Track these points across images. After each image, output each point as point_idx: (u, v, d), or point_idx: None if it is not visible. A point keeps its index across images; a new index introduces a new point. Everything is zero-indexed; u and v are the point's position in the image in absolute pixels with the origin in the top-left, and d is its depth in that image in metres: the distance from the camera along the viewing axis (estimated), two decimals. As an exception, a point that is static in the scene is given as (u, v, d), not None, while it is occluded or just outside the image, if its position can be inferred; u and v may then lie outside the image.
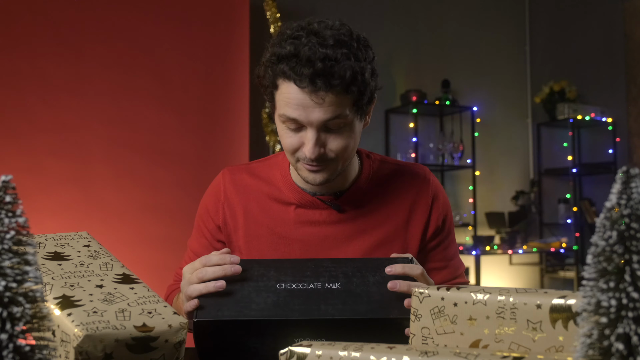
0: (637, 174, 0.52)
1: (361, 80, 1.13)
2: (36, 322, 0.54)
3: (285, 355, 0.83)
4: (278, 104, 1.17)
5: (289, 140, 1.18)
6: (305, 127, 1.15)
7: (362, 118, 1.22)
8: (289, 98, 1.13)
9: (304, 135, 1.16)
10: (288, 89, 1.13)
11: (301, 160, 1.19)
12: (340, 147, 1.17)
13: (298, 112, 1.13)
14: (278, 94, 1.16)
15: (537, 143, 5.18)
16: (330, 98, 1.11)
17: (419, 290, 0.93)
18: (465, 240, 4.76)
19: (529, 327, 0.83)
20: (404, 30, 4.68)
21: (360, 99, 1.16)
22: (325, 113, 1.12)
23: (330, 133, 1.16)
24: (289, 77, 1.11)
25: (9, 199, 0.55)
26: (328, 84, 1.09)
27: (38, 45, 3.14)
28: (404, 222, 1.32)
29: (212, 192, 1.37)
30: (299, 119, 1.13)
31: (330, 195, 1.30)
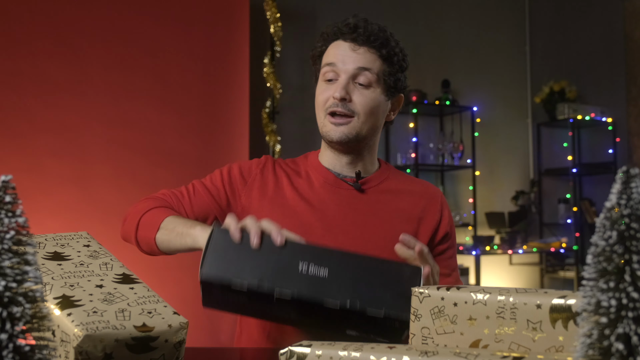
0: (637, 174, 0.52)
1: (392, 48, 1.36)
2: (36, 322, 0.54)
3: (285, 355, 0.83)
4: (323, 61, 1.38)
5: (322, 94, 1.36)
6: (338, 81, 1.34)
7: (387, 98, 1.39)
8: (333, 50, 1.37)
9: (336, 84, 1.34)
10: (334, 45, 1.37)
11: (328, 113, 1.35)
12: (363, 102, 1.34)
13: (337, 59, 1.34)
14: (325, 55, 1.39)
15: (537, 143, 5.18)
16: (363, 51, 1.34)
17: (419, 290, 0.93)
18: (465, 240, 4.76)
19: (529, 327, 0.83)
20: (403, 30, 4.67)
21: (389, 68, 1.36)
22: (357, 61, 1.34)
23: (358, 88, 1.34)
24: (337, 35, 1.37)
25: (9, 199, 0.55)
26: (365, 36, 1.34)
27: (38, 46, 3.14)
28: (416, 218, 1.42)
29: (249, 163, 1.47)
30: (337, 64, 1.34)
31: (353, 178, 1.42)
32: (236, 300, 1.09)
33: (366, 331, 1.08)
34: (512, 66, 5.18)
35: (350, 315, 1.05)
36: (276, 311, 1.10)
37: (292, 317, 1.12)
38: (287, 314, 1.11)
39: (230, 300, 1.11)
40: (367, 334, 1.08)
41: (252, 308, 1.13)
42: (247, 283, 1.05)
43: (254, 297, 1.06)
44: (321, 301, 1.05)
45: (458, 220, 4.65)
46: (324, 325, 1.12)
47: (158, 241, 1.29)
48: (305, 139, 4.05)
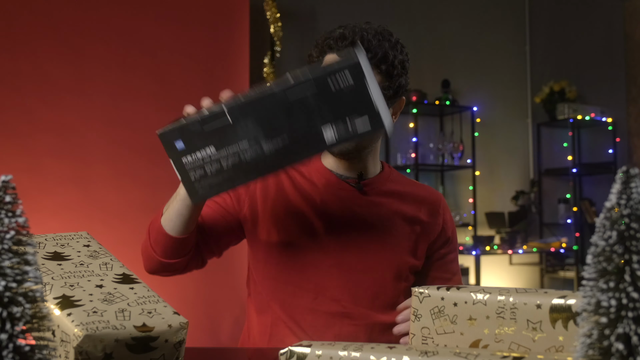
0: (637, 174, 0.52)
1: (391, 63, 1.31)
2: (36, 322, 0.54)
3: (285, 355, 0.84)
4: None
5: None
6: None
7: (390, 106, 1.35)
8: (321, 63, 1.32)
9: None
10: (330, 59, 1.32)
11: None
12: None
13: None
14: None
15: (537, 143, 5.18)
16: None
17: (419, 290, 0.93)
18: (465, 240, 4.76)
19: (529, 327, 0.83)
20: (404, 30, 4.67)
21: (387, 82, 1.32)
22: None
23: None
24: (332, 49, 1.32)
25: (9, 199, 0.55)
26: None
27: (38, 45, 3.14)
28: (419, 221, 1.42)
29: None
30: None
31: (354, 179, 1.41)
32: (198, 147, 1.06)
33: (339, 114, 1.01)
34: (512, 66, 5.18)
35: (318, 99, 1.00)
36: (241, 141, 1.04)
37: (259, 141, 1.04)
38: (253, 140, 1.04)
39: (197, 158, 1.07)
40: (342, 117, 1.01)
41: (221, 156, 1.07)
42: (197, 116, 1.07)
43: (210, 131, 1.05)
44: (281, 90, 1.01)
45: (458, 220, 4.65)
46: (294, 132, 1.04)
47: (163, 224, 1.28)
48: (305, 139, 4.05)
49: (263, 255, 1.39)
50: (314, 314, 1.34)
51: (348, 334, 1.32)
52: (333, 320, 1.34)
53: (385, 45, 1.31)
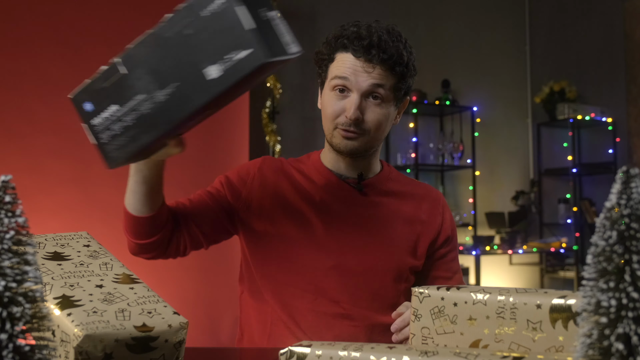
0: (637, 174, 0.52)
1: (405, 64, 1.32)
2: (36, 322, 0.54)
3: (285, 355, 0.84)
4: (331, 71, 1.35)
5: (333, 107, 1.33)
6: (350, 94, 1.31)
7: (396, 108, 1.37)
8: (344, 63, 1.31)
9: (348, 101, 1.31)
10: (343, 58, 1.32)
11: (339, 127, 1.33)
12: (375, 120, 1.32)
13: (349, 73, 1.30)
14: (333, 65, 1.34)
15: (537, 143, 5.18)
16: (378, 70, 1.30)
17: (419, 290, 0.93)
18: (465, 240, 4.76)
19: (529, 327, 0.83)
20: (404, 30, 4.66)
21: (400, 83, 1.33)
22: (371, 79, 1.30)
23: (370, 104, 1.32)
24: (347, 48, 1.31)
25: (9, 199, 0.55)
26: (379, 57, 1.28)
27: (38, 46, 3.14)
28: (418, 221, 1.42)
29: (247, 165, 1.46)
30: (350, 78, 1.30)
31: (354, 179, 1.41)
32: (104, 106, 1.02)
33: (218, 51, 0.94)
34: (512, 66, 5.18)
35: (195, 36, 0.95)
36: (137, 94, 0.99)
37: (152, 90, 0.99)
38: (147, 90, 0.99)
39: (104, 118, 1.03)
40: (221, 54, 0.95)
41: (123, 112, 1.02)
42: (100, 72, 1.01)
43: (110, 86, 1.00)
44: (158, 29, 0.96)
45: (458, 220, 4.65)
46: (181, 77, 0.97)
47: (126, 204, 1.27)
48: (306, 139, 4.05)
49: (262, 254, 1.38)
50: (313, 314, 1.33)
51: (348, 335, 1.32)
52: (333, 321, 1.33)
53: (399, 47, 1.31)
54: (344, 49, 1.32)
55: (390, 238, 1.38)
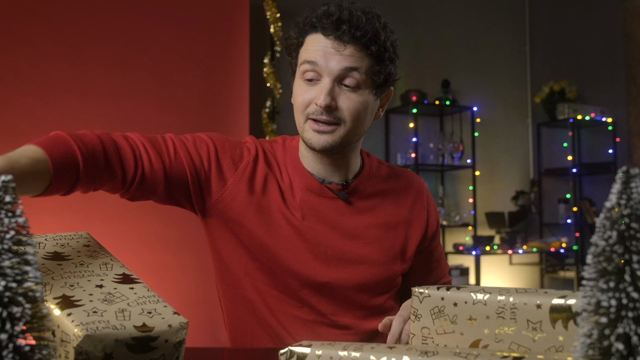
0: (637, 174, 0.52)
1: (382, 43, 1.18)
2: (36, 322, 0.54)
3: (285, 355, 0.83)
4: (300, 56, 1.22)
5: (302, 96, 1.21)
6: (320, 81, 1.18)
7: (376, 96, 1.24)
8: (312, 45, 1.19)
9: (318, 88, 1.19)
10: (313, 39, 1.19)
11: (309, 119, 1.20)
12: (350, 108, 1.19)
13: (318, 56, 1.17)
14: (302, 49, 1.22)
15: (537, 143, 5.18)
16: (350, 50, 1.17)
17: (419, 290, 0.93)
18: (465, 240, 4.76)
19: (529, 327, 0.83)
20: (404, 30, 4.67)
21: (378, 66, 1.19)
22: (343, 61, 1.17)
23: (344, 91, 1.19)
24: (316, 28, 1.18)
25: (9, 199, 0.55)
26: (351, 33, 1.15)
27: (38, 46, 3.14)
28: (405, 223, 1.34)
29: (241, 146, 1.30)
30: (318, 62, 1.17)
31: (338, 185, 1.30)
32: None
33: None
34: (512, 66, 5.18)
35: None
36: None
37: None
38: None
39: None
40: None
41: None
42: None
43: None
44: None
45: (458, 220, 4.65)
46: None
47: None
48: (305, 139, 4.04)
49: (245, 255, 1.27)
50: (300, 321, 1.27)
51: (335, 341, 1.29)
52: (320, 328, 1.27)
53: (375, 25, 1.18)
54: (313, 30, 1.19)
55: (378, 248, 1.30)
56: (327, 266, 1.26)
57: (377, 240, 1.30)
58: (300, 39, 1.22)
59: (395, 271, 1.32)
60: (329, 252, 1.27)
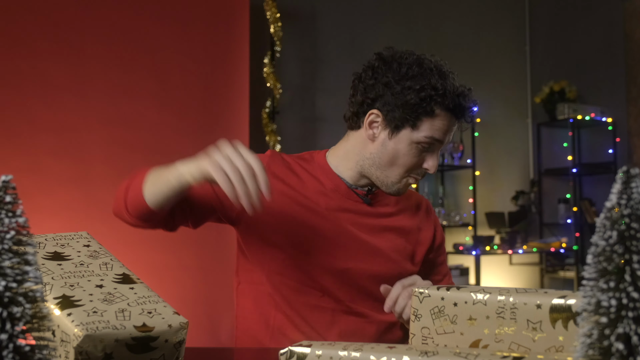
0: (637, 174, 0.52)
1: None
2: (36, 322, 0.54)
3: (285, 355, 0.84)
4: (426, 127, 1.31)
5: (414, 160, 1.33)
6: (434, 150, 1.34)
7: None
8: (443, 125, 1.31)
9: (427, 155, 1.33)
10: (444, 120, 1.31)
11: (411, 176, 1.35)
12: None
13: (445, 135, 1.33)
14: (432, 120, 1.31)
15: (537, 143, 5.18)
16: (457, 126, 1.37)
17: (419, 290, 0.93)
18: (465, 240, 4.76)
19: (529, 327, 0.83)
20: (404, 30, 4.67)
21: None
22: (452, 135, 1.37)
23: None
24: (449, 110, 1.31)
25: (9, 199, 0.55)
26: (467, 118, 1.37)
27: (38, 45, 3.14)
28: (416, 229, 1.47)
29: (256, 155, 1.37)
30: (443, 141, 1.34)
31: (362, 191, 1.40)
32: None
33: None
34: (512, 66, 5.18)
35: None
36: None
37: None
38: None
39: None
40: None
41: None
42: None
43: None
44: None
45: (458, 220, 4.65)
46: None
47: (146, 195, 1.20)
48: (305, 139, 4.05)
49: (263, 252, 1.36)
50: (319, 310, 1.35)
51: (354, 330, 1.35)
52: (339, 316, 1.36)
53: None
54: (446, 110, 1.31)
55: (393, 247, 1.41)
56: (347, 254, 1.36)
57: (392, 240, 1.42)
58: (432, 110, 1.30)
59: (406, 269, 1.41)
60: (349, 243, 1.36)
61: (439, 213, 4.61)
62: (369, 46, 4.60)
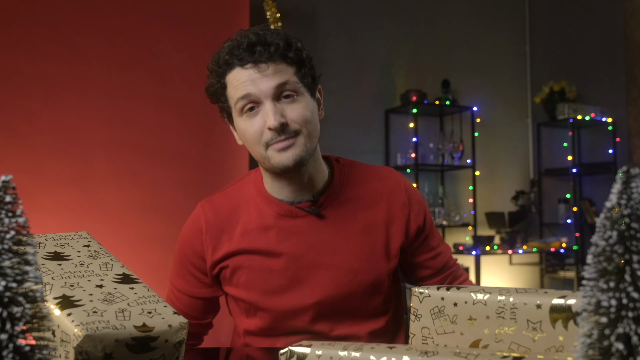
0: (637, 174, 0.52)
1: (296, 49, 1.23)
2: (36, 322, 0.54)
3: (285, 355, 0.83)
4: (231, 97, 1.24)
5: (251, 129, 1.22)
6: (261, 107, 1.21)
7: (313, 95, 1.28)
8: (237, 80, 1.21)
9: (262, 114, 1.21)
10: (235, 76, 1.22)
11: (269, 144, 1.22)
12: (299, 116, 1.22)
13: (249, 87, 1.20)
14: (228, 89, 1.24)
15: (537, 143, 5.18)
16: (272, 68, 1.20)
17: (419, 290, 0.93)
18: (465, 240, 4.76)
19: (529, 327, 0.83)
20: (404, 30, 4.67)
21: (301, 69, 1.24)
22: (271, 80, 1.20)
23: (286, 104, 1.22)
24: (231, 63, 1.21)
25: (9, 199, 0.55)
26: (266, 52, 1.19)
27: (38, 46, 3.14)
28: (384, 223, 1.33)
29: (193, 227, 1.36)
30: (252, 91, 1.20)
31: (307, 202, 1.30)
32: None
33: None
34: (512, 66, 5.18)
35: None
36: None
37: None
38: None
39: None
40: None
41: None
42: None
43: None
44: None
45: (458, 220, 4.65)
46: None
47: None
48: (305, 139, 4.05)
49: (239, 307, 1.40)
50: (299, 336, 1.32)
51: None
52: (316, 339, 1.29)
53: (279, 34, 1.23)
54: (229, 67, 1.22)
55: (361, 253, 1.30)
56: (313, 286, 1.29)
57: (357, 247, 1.30)
58: (221, 81, 1.25)
59: (381, 273, 1.32)
60: (312, 273, 1.29)
61: (439, 213, 4.60)
62: (369, 46, 4.63)
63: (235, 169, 3.47)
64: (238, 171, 3.46)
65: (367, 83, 4.46)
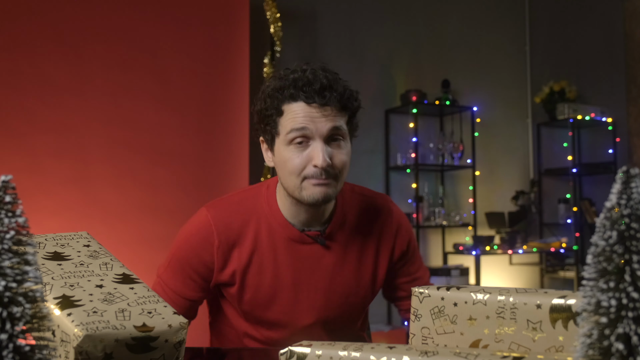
0: (637, 174, 0.52)
1: (354, 99, 1.31)
2: (36, 322, 0.54)
3: (285, 355, 0.83)
4: (283, 126, 1.28)
5: (296, 161, 1.27)
6: (311, 144, 1.27)
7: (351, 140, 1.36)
8: (297, 114, 1.26)
9: (311, 151, 1.27)
10: (296, 108, 1.26)
11: (308, 178, 1.28)
12: (342, 162, 1.29)
13: (306, 123, 1.25)
14: (283, 118, 1.28)
15: (537, 143, 5.18)
16: (332, 111, 1.27)
17: (419, 290, 0.93)
18: (465, 240, 4.76)
19: (529, 327, 0.83)
20: (404, 30, 4.67)
21: (353, 117, 1.33)
22: (329, 122, 1.26)
23: (333, 147, 1.28)
24: (297, 97, 1.26)
25: (9, 199, 0.55)
26: (332, 97, 1.26)
27: (38, 45, 3.14)
28: (374, 252, 1.44)
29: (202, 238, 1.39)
30: (309, 127, 1.25)
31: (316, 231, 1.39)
32: None
33: None
34: (512, 66, 5.18)
35: None
36: None
37: None
38: None
39: None
40: None
41: None
42: None
43: None
44: None
45: (458, 220, 4.65)
46: None
47: None
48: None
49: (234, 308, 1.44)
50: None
51: None
52: None
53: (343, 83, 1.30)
54: (292, 99, 1.27)
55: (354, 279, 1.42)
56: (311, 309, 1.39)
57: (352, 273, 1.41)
58: (279, 108, 1.28)
59: (367, 300, 1.47)
60: (311, 296, 1.39)
61: (439, 213, 4.61)
62: (368, 46, 4.63)
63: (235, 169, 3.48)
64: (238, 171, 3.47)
65: (367, 83, 4.46)
